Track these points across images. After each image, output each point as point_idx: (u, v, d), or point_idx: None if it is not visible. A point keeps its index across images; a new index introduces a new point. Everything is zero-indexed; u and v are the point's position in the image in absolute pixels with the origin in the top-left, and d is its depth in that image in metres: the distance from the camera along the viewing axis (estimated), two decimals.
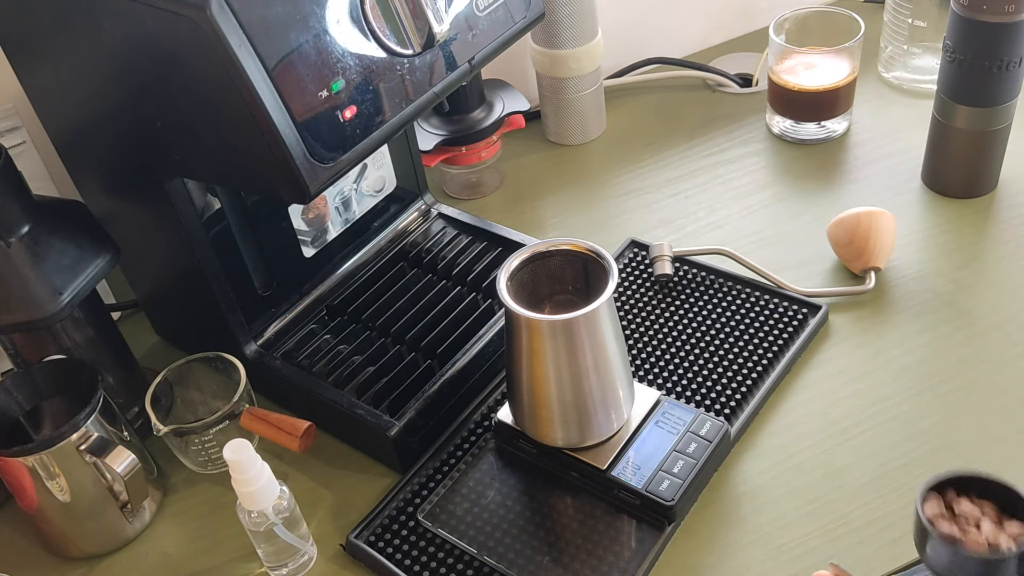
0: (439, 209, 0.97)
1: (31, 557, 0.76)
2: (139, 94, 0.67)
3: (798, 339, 0.81)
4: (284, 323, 0.85)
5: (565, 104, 1.06)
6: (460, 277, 0.88)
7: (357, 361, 0.81)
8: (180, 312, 0.89)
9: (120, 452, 0.70)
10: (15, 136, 0.89)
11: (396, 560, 0.70)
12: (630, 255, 0.92)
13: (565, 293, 0.72)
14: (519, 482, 0.74)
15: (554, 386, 0.68)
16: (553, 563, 0.68)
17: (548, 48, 1.02)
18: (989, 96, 0.86)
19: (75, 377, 0.74)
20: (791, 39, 1.01)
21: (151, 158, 0.71)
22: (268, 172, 0.63)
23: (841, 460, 0.73)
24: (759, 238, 0.92)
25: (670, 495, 0.68)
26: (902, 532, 0.67)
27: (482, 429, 0.78)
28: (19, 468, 0.69)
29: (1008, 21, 0.82)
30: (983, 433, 0.73)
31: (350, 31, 0.64)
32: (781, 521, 0.70)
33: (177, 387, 0.82)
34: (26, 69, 0.74)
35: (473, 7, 0.72)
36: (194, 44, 0.58)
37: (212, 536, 0.76)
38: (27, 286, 0.70)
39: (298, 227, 0.85)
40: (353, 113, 0.64)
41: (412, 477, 0.75)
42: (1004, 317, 0.81)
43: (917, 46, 1.06)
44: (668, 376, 0.80)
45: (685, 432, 0.72)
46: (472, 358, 0.80)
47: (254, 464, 0.65)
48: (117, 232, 0.78)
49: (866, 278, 0.86)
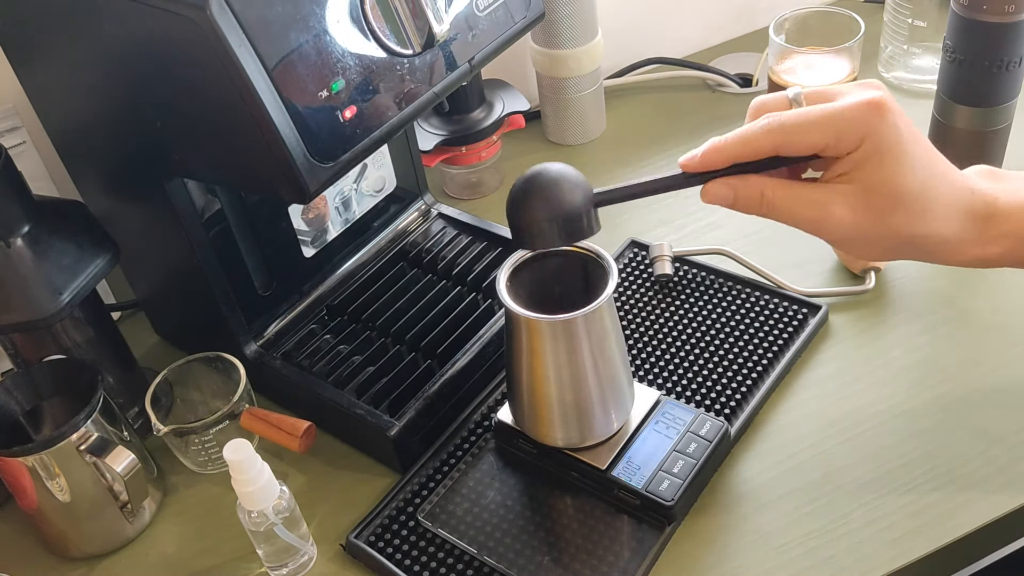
0: (439, 209, 0.97)
1: (31, 557, 0.76)
2: (139, 94, 0.67)
3: (798, 339, 0.81)
4: (284, 323, 0.85)
5: (565, 104, 1.06)
6: (460, 277, 0.88)
7: (357, 361, 0.81)
8: (180, 312, 0.89)
9: (120, 452, 0.70)
10: (15, 136, 0.89)
11: (396, 560, 0.70)
12: (630, 255, 0.92)
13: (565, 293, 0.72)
14: (519, 482, 0.74)
15: (554, 386, 0.68)
16: (553, 563, 0.68)
17: (548, 48, 1.02)
18: (989, 96, 0.86)
19: (75, 377, 0.74)
20: (791, 39, 1.01)
21: (151, 158, 0.71)
22: (268, 172, 0.63)
23: (841, 460, 0.73)
24: (759, 238, 0.92)
25: (670, 495, 0.68)
26: (902, 532, 0.67)
27: (482, 429, 0.78)
28: (19, 468, 0.69)
29: (1008, 21, 0.81)
30: (983, 433, 0.73)
31: (350, 31, 0.64)
32: (781, 521, 0.70)
33: (177, 387, 0.82)
34: (26, 69, 0.74)
35: (473, 7, 0.72)
36: (194, 44, 0.58)
37: (212, 536, 0.75)
38: (27, 286, 0.70)
39: (298, 227, 0.85)
40: (353, 113, 0.64)
41: (412, 477, 0.75)
42: (1004, 317, 0.81)
43: (917, 46, 1.06)
44: (668, 376, 0.80)
45: (685, 432, 0.72)
46: (472, 358, 0.80)
47: (254, 464, 0.65)
48: (117, 232, 0.78)
49: (866, 278, 0.86)
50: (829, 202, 0.58)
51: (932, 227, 0.58)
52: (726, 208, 0.60)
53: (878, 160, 0.56)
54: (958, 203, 0.59)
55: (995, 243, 0.60)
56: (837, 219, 0.58)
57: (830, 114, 0.57)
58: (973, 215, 0.59)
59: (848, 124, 0.56)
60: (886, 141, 0.56)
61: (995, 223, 0.60)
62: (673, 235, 0.95)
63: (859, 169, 0.57)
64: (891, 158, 0.56)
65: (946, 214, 0.59)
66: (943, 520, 0.68)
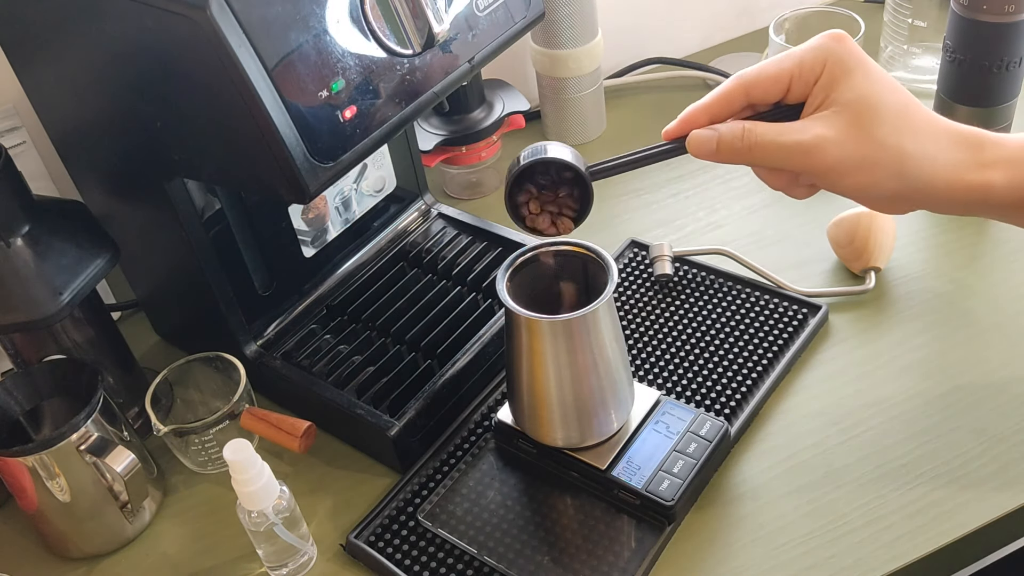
0: (439, 209, 0.97)
1: (31, 557, 0.76)
2: (139, 94, 0.67)
3: (798, 339, 0.81)
4: (284, 323, 0.85)
5: (565, 104, 1.06)
6: (460, 277, 0.88)
7: (357, 361, 0.81)
8: (180, 312, 0.89)
9: (120, 452, 0.70)
10: (15, 136, 0.89)
11: (396, 560, 0.70)
12: (630, 255, 0.92)
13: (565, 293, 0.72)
14: (519, 482, 0.74)
15: (554, 386, 0.68)
16: (553, 563, 0.68)
17: (548, 48, 1.02)
18: (989, 96, 0.86)
19: (75, 377, 0.74)
20: (791, 39, 1.01)
21: (151, 158, 0.71)
22: (268, 172, 0.63)
23: (841, 460, 0.73)
24: (759, 238, 0.92)
25: (670, 495, 0.68)
26: (902, 532, 0.67)
27: (482, 429, 0.78)
28: (19, 468, 0.69)
29: (1008, 21, 0.82)
30: (983, 433, 0.73)
31: (350, 31, 0.64)
32: (781, 521, 0.70)
33: (177, 387, 0.82)
34: (26, 69, 0.74)
35: (473, 7, 0.72)
36: (194, 44, 0.58)
37: (212, 536, 0.76)
38: (27, 286, 0.70)
39: (298, 227, 0.85)
40: (353, 113, 0.64)
41: (412, 477, 0.75)
42: (1004, 317, 0.81)
43: (917, 46, 1.06)
44: (668, 376, 0.80)
45: (685, 432, 0.72)
46: (472, 358, 0.80)
47: (254, 464, 0.65)
48: (117, 232, 0.78)
49: (866, 278, 0.86)
50: (811, 127, 0.58)
51: (921, 144, 0.58)
52: (711, 159, 0.61)
53: (848, 79, 0.57)
54: (944, 127, 0.59)
55: (994, 168, 0.59)
56: (822, 138, 0.58)
57: (791, 50, 0.59)
58: (963, 139, 0.59)
59: (807, 52, 0.58)
60: (850, 59, 0.58)
61: (988, 148, 0.59)
62: (673, 235, 0.95)
63: (833, 91, 0.58)
64: (861, 74, 0.57)
65: (934, 132, 0.59)
66: (943, 520, 0.68)
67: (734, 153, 0.60)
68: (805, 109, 0.59)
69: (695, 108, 0.61)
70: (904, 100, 0.58)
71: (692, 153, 0.61)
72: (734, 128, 0.59)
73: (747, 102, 0.60)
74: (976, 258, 0.87)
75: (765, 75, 0.59)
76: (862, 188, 0.59)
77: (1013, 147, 0.59)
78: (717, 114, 0.61)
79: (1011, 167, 0.59)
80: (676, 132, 0.62)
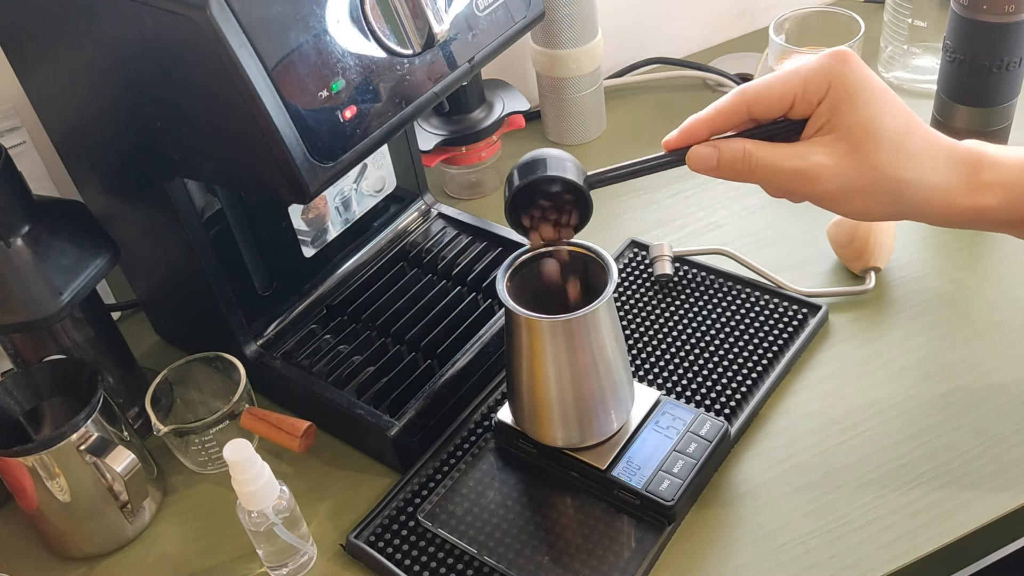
0: (439, 209, 0.97)
1: (31, 557, 0.76)
2: (139, 94, 0.67)
3: (798, 339, 0.81)
4: (284, 323, 0.85)
5: (565, 104, 1.06)
6: (460, 277, 0.88)
7: (357, 361, 0.81)
8: (180, 312, 0.89)
9: (120, 452, 0.70)
10: (15, 136, 0.89)
11: (396, 560, 0.70)
12: (630, 255, 0.92)
13: (565, 293, 0.72)
14: (519, 482, 0.74)
15: (554, 386, 0.68)
16: (553, 563, 0.68)
17: (548, 48, 1.02)
18: (989, 96, 0.86)
19: (75, 377, 0.74)
20: (791, 39, 1.01)
21: (151, 158, 0.71)
22: (268, 172, 0.63)
23: (841, 460, 0.73)
24: (759, 238, 0.92)
25: (670, 495, 0.68)
26: (902, 532, 0.67)
27: (482, 429, 0.78)
28: (19, 468, 0.69)
29: (1008, 21, 0.82)
30: (983, 433, 0.73)
31: (350, 31, 0.64)
32: (781, 521, 0.70)
33: (177, 387, 0.82)
34: (26, 69, 0.74)
35: (473, 7, 0.72)
36: (194, 44, 0.58)
37: (212, 536, 0.76)
38: (27, 286, 0.70)
39: (298, 227, 0.85)
40: (353, 113, 0.64)
41: (412, 477, 0.75)
42: (1004, 317, 0.81)
43: (917, 46, 1.06)
44: (668, 376, 0.80)
45: (685, 432, 0.72)
46: (472, 358, 0.80)
47: (254, 464, 0.65)
48: (117, 232, 0.78)
49: (866, 278, 0.86)
50: (811, 152, 0.58)
51: (919, 171, 0.58)
52: (711, 175, 0.61)
53: (850, 103, 0.57)
54: (942, 149, 0.59)
55: (987, 192, 0.60)
56: (821, 166, 0.58)
57: (795, 68, 0.59)
58: (961, 161, 0.60)
59: (812, 72, 0.58)
60: (854, 82, 0.57)
61: (985, 170, 0.60)
62: (673, 235, 0.95)
63: (835, 115, 0.58)
64: (862, 99, 0.57)
65: (932, 157, 0.59)
66: (943, 520, 0.68)
67: (734, 173, 0.60)
68: (807, 129, 0.59)
69: (696, 120, 0.61)
70: (904, 123, 0.58)
71: (692, 168, 0.61)
72: (735, 149, 0.59)
73: (749, 117, 0.60)
74: (976, 258, 0.87)
75: (769, 93, 0.59)
76: (859, 212, 0.61)
77: (1010, 168, 0.60)
78: (719, 128, 0.61)
79: (1005, 190, 0.60)
80: (677, 143, 0.62)
